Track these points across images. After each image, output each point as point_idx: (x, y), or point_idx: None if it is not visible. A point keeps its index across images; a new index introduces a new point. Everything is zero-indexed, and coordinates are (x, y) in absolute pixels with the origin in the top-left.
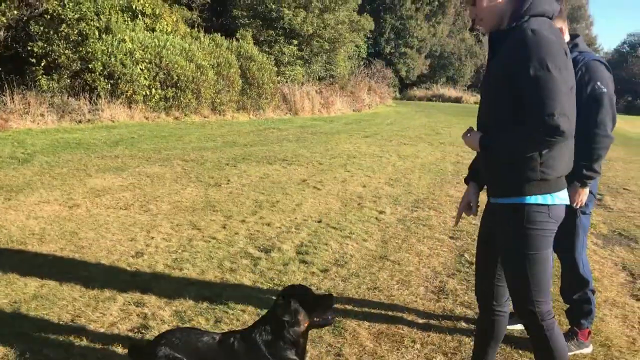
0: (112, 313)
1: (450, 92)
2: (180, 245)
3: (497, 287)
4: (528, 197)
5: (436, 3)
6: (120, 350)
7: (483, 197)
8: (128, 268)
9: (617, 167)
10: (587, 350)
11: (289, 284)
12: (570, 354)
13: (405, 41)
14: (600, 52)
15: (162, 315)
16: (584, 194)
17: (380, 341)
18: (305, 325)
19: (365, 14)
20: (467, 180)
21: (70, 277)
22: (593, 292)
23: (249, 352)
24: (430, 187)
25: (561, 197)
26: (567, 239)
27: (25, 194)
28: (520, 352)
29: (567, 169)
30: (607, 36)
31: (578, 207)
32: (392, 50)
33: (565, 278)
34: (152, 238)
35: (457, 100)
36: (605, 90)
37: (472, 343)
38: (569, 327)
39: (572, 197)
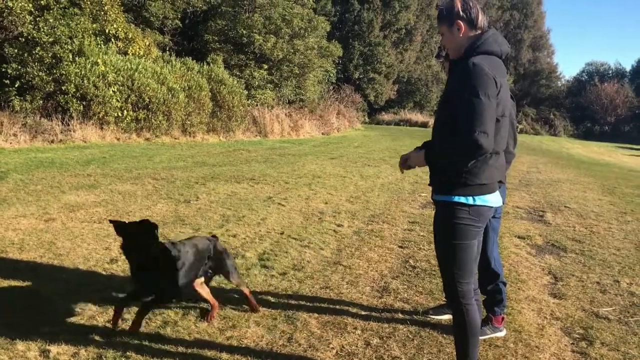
0: (92, 308)
1: (417, 116)
2: None
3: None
4: (454, 196)
5: (403, 31)
6: (98, 338)
7: None
8: (104, 272)
9: (564, 187)
10: (501, 334)
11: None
12: (486, 337)
13: (373, 67)
14: (561, 80)
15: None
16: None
17: (327, 328)
18: None
19: (334, 40)
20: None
21: (51, 280)
22: (504, 284)
23: None
24: (387, 204)
25: (484, 200)
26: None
27: (1, 208)
28: (444, 336)
29: (493, 179)
30: (567, 65)
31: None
32: (360, 76)
33: (480, 272)
34: None
35: (424, 124)
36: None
37: (405, 329)
38: (486, 314)
39: None
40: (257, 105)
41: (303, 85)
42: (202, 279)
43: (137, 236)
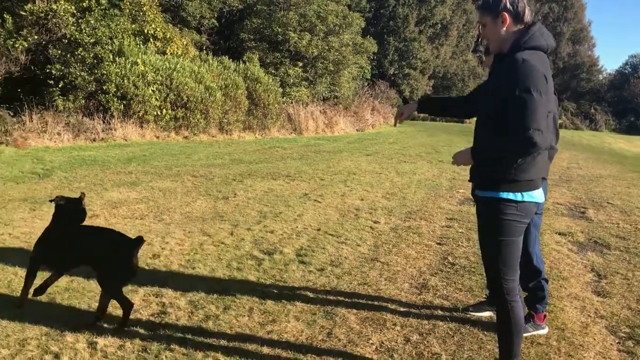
0: (135, 302)
1: None
2: (192, 249)
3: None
4: (501, 192)
5: (439, 25)
6: (142, 330)
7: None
8: (147, 267)
9: (606, 183)
10: (543, 331)
11: (289, 280)
12: (528, 334)
13: (408, 62)
14: (602, 74)
15: (178, 304)
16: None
17: (366, 324)
18: None
19: (368, 36)
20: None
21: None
22: (546, 281)
23: None
24: (424, 201)
25: (531, 196)
26: None
27: (48, 205)
28: (485, 332)
29: (539, 175)
30: (609, 58)
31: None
32: (395, 72)
33: (522, 269)
34: (167, 243)
35: (460, 120)
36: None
37: (445, 326)
38: (527, 311)
39: None
40: (292, 102)
41: (337, 82)
42: None
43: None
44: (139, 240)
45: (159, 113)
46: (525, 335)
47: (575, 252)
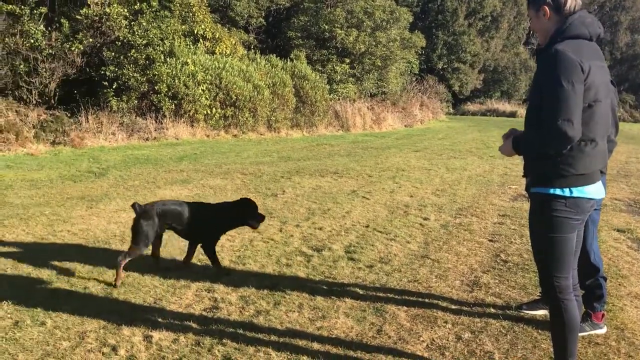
0: (188, 297)
1: (504, 106)
2: (242, 245)
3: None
4: (550, 188)
5: (489, 18)
6: (195, 325)
7: None
8: (199, 263)
9: None
10: (601, 331)
11: (338, 276)
12: (585, 333)
13: (458, 56)
14: None
15: (230, 299)
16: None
17: (416, 321)
18: None
19: (416, 31)
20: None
21: (150, 270)
22: (605, 279)
23: None
24: (475, 197)
25: (583, 191)
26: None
27: (104, 203)
28: (539, 331)
29: (591, 168)
30: None
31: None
32: (444, 66)
33: (579, 266)
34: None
35: (512, 114)
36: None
37: (497, 324)
38: (585, 310)
39: None
40: (339, 99)
41: (385, 77)
42: None
43: None
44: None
45: (208, 112)
46: (582, 334)
47: (635, 249)
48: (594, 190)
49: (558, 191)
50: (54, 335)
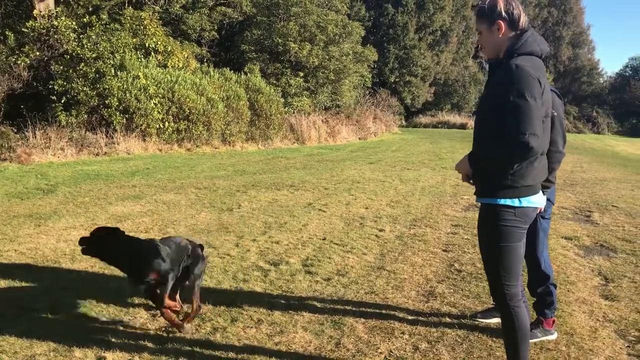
0: (142, 316)
1: (455, 118)
2: None
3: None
4: (499, 199)
5: (439, 32)
6: (151, 344)
7: None
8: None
9: (611, 186)
10: (552, 337)
11: (296, 290)
12: (537, 340)
13: (409, 70)
14: (603, 77)
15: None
16: (544, 202)
17: (374, 333)
18: None
19: (369, 45)
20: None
21: (103, 289)
22: (555, 286)
23: None
24: (429, 208)
25: (530, 201)
26: (529, 240)
27: (53, 220)
28: (494, 339)
29: (538, 180)
30: (610, 61)
31: (538, 212)
32: (396, 79)
33: (530, 274)
34: None
35: (462, 126)
36: (556, 114)
37: (453, 333)
38: (536, 317)
39: None
40: (294, 112)
41: (339, 91)
42: None
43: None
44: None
45: (161, 126)
46: (534, 340)
47: (581, 256)
48: (539, 200)
49: (508, 201)
50: None
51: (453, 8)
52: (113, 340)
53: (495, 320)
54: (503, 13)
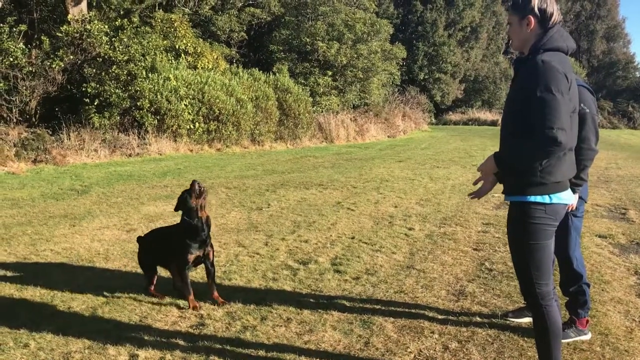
0: (174, 314)
1: (485, 115)
2: (228, 260)
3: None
4: (528, 196)
5: (468, 29)
6: (182, 342)
7: None
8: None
9: None
10: (586, 337)
11: (324, 289)
12: (570, 340)
13: (438, 67)
14: (639, 70)
15: (216, 315)
16: (574, 199)
17: (403, 332)
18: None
19: (397, 42)
20: None
21: (135, 288)
22: (588, 285)
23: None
24: (459, 206)
25: (559, 198)
26: (561, 239)
27: (87, 220)
28: (525, 339)
29: (566, 176)
30: None
31: (569, 210)
32: (426, 77)
33: (562, 273)
34: None
35: (493, 123)
36: (588, 110)
37: (484, 333)
38: (569, 317)
39: None
40: (322, 111)
41: (367, 89)
42: None
43: None
44: None
45: (191, 127)
46: (567, 341)
47: (616, 254)
48: (568, 196)
49: (538, 198)
50: (38, 357)
51: (483, 4)
52: (145, 338)
53: (526, 320)
54: (536, 8)
